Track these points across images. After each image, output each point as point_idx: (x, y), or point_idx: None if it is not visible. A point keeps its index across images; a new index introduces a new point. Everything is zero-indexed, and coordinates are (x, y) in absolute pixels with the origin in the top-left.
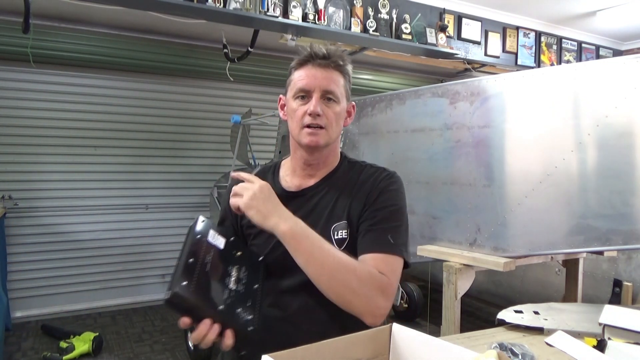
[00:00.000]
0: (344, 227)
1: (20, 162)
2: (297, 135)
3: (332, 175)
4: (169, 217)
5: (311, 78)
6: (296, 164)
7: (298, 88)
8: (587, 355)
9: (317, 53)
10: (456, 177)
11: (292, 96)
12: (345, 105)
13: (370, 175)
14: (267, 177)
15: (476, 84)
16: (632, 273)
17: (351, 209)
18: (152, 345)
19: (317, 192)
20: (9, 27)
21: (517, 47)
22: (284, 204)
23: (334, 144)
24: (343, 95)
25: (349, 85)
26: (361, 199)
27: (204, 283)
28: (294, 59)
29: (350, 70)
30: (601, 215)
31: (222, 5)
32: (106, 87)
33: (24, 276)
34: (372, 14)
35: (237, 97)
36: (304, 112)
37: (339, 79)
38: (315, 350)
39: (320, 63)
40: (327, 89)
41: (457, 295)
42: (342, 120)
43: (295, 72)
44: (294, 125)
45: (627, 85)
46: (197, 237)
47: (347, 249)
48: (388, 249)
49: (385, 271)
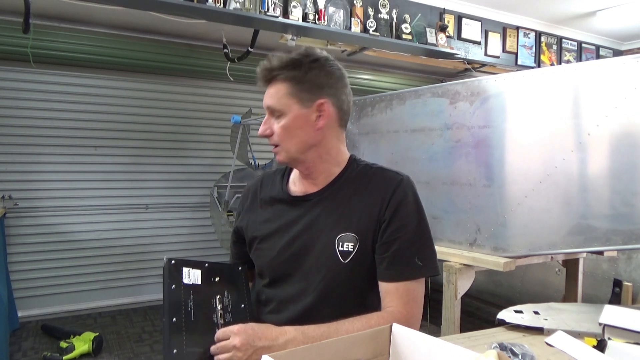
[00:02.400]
0: (352, 240)
1: (20, 162)
2: None
3: (337, 181)
4: (169, 217)
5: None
6: (297, 173)
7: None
8: (587, 355)
9: (257, 72)
10: (456, 177)
11: None
12: (300, 111)
13: (379, 185)
14: (275, 178)
15: (476, 84)
16: (632, 273)
17: (361, 222)
18: (152, 345)
19: (323, 198)
20: (9, 27)
21: (517, 47)
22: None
23: (313, 152)
24: (289, 104)
25: (303, 87)
26: (373, 212)
27: (194, 335)
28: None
29: (302, 71)
30: (601, 215)
31: (222, 5)
32: (106, 87)
33: (24, 276)
34: (372, 14)
35: (237, 97)
36: None
37: (279, 89)
38: (315, 350)
39: (264, 83)
40: (266, 105)
41: (457, 295)
42: (302, 128)
43: None
44: None
45: (627, 85)
46: (172, 287)
47: (352, 261)
48: (410, 275)
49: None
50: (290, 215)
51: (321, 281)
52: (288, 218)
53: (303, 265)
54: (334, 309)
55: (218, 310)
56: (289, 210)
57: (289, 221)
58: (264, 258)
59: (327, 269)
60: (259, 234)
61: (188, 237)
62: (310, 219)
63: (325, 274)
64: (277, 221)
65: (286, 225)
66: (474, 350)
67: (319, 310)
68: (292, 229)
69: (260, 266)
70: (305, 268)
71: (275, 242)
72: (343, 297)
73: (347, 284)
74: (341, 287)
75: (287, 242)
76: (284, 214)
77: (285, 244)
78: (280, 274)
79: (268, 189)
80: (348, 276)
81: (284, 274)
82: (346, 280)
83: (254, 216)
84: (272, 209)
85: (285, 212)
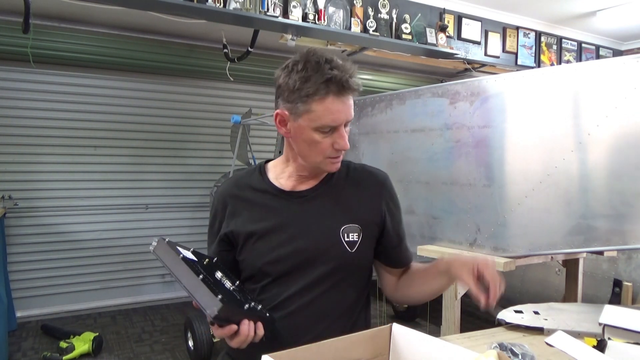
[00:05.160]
0: (356, 231)
1: (20, 162)
2: (316, 162)
3: (330, 178)
4: (169, 217)
5: (341, 114)
6: (294, 170)
7: (324, 124)
8: (587, 355)
9: (348, 84)
10: (456, 177)
11: (311, 127)
12: None
13: (370, 180)
14: (252, 178)
15: (476, 84)
16: (632, 273)
17: (362, 214)
18: (152, 345)
19: (319, 194)
20: (9, 27)
21: (517, 47)
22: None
23: None
24: None
25: None
26: (373, 205)
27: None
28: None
29: None
30: (601, 215)
31: (222, 5)
32: (106, 87)
33: (24, 276)
34: (372, 14)
35: (237, 97)
36: (330, 145)
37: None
38: (315, 350)
39: (347, 93)
40: (350, 119)
41: (457, 295)
42: None
43: (316, 102)
44: (314, 153)
45: (627, 85)
46: (181, 256)
47: (358, 250)
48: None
49: None
50: (286, 211)
51: (332, 271)
52: (285, 214)
53: (310, 258)
54: (343, 297)
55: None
56: (283, 206)
57: (287, 217)
58: (264, 256)
59: (337, 259)
60: (256, 232)
61: (188, 237)
62: (309, 214)
63: (335, 265)
64: (273, 218)
65: (284, 221)
66: (474, 350)
67: (328, 299)
68: (292, 224)
69: (260, 265)
70: (312, 261)
71: (275, 239)
72: (352, 285)
73: (356, 272)
74: (351, 275)
75: (288, 238)
76: (278, 211)
77: (287, 239)
78: (286, 269)
79: (249, 189)
80: (357, 264)
81: (289, 269)
82: (355, 269)
83: (241, 218)
84: (262, 207)
85: (279, 208)
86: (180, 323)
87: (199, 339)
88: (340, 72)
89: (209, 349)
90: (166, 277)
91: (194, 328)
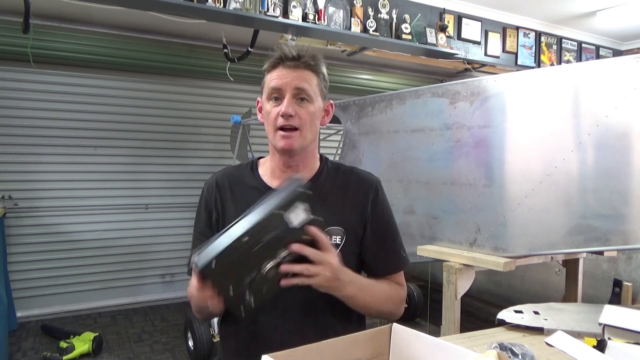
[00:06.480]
0: (339, 233)
1: (20, 162)
2: (272, 138)
3: (317, 179)
4: (169, 217)
5: (282, 78)
6: (275, 165)
7: (270, 88)
8: (587, 355)
9: (286, 54)
10: (456, 177)
11: (266, 98)
12: (320, 104)
13: (359, 184)
14: (243, 174)
15: (476, 84)
16: (632, 273)
17: (346, 217)
18: (152, 345)
19: None
20: (9, 27)
21: (517, 47)
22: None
23: (311, 145)
24: (317, 94)
25: (325, 84)
26: (358, 209)
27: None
28: (268, 62)
29: (324, 70)
30: (601, 215)
31: (222, 5)
32: (106, 87)
33: (24, 276)
34: (372, 14)
35: (237, 97)
36: (277, 114)
37: (312, 77)
38: (315, 350)
39: (291, 64)
40: (298, 86)
41: (457, 295)
42: (318, 120)
43: (267, 74)
44: (269, 127)
45: (627, 85)
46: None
47: (340, 253)
48: (403, 264)
49: (402, 283)
50: None
51: None
52: None
53: None
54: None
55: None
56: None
57: None
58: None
59: None
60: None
61: (188, 237)
62: None
63: None
64: None
65: None
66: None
67: (313, 301)
68: None
69: None
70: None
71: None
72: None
73: None
74: None
75: None
76: None
77: None
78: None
79: (238, 183)
80: None
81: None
82: None
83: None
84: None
85: None
86: (180, 323)
87: (199, 339)
88: (289, 49)
89: (209, 349)
90: (166, 277)
91: (194, 328)
